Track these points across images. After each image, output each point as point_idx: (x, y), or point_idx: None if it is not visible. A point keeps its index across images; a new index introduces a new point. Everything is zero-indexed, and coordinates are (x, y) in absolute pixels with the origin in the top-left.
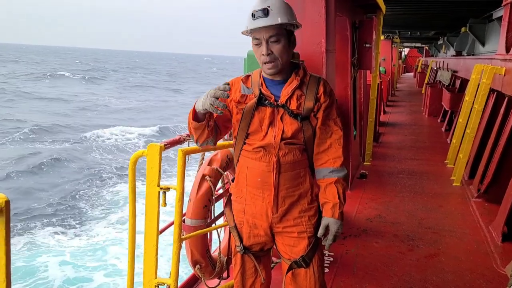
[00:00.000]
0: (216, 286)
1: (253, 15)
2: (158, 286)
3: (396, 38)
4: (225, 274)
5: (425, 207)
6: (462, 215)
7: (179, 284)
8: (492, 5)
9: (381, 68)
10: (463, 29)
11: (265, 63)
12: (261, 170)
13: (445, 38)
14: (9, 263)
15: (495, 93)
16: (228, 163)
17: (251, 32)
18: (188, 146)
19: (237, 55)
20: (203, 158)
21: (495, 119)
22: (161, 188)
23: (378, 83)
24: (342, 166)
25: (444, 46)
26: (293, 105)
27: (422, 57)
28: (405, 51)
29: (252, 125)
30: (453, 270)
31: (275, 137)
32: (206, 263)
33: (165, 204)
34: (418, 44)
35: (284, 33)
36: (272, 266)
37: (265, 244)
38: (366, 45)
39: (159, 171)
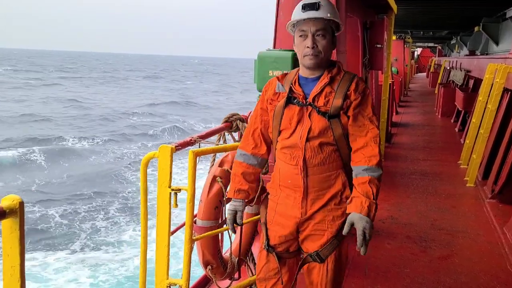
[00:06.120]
0: (228, 287)
1: (303, 7)
2: (169, 287)
3: (408, 38)
4: (236, 275)
5: (438, 208)
6: (475, 216)
7: (191, 284)
8: (506, 4)
9: (393, 69)
10: (476, 28)
11: (307, 55)
12: (290, 172)
13: (458, 38)
14: (23, 263)
15: (509, 92)
16: None
17: (297, 25)
18: (199, 147)
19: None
20: (214, 160)
21: (509, 118)
22: (172, 189)
23: (390, 84)
24: (377, 165)
25: (457, 46)
26: (320, 102)
27: (435, 57)
28: (418, 51)
29: (283, 123)
30: (466, 271)
31: (301, 136)
32: (218, 264)
33: (176, 205)
34: (431, 44)
35: (330, 31)
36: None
37: (290, 245)
38: (378, 46)
39: (171, 172)
